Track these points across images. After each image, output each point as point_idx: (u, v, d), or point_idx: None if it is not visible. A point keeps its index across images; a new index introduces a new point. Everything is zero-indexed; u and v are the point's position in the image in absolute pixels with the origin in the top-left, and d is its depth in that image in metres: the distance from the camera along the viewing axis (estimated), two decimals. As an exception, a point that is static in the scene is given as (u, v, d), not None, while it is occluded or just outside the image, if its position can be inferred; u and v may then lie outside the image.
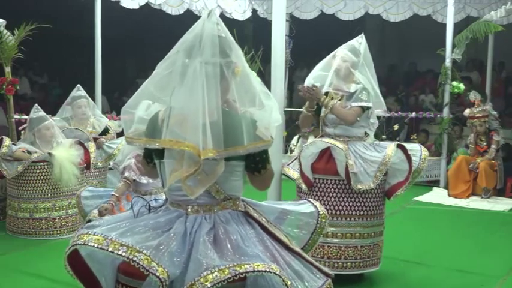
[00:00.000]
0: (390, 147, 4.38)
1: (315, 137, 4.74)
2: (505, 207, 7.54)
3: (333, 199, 4.35)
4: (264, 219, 2.42)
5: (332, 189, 4.36)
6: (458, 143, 9.08)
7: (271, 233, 2.36)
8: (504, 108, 11.40)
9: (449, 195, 8.10)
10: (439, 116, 9.23)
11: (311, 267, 2.37)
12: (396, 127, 9.60)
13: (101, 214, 3.89)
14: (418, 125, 10.51)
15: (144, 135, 2.31)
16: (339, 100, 4.44)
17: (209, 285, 1.99)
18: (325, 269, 2.43)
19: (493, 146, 8.03)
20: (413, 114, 9.82)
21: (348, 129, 4.44)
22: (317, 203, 2.70)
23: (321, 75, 4.52)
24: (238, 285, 2.11)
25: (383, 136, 9.20)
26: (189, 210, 2.29)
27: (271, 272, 2.06)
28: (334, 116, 4.41)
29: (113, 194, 4.05)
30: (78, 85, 6.73)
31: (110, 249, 2.10)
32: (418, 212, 7.25)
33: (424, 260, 5.16)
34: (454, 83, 8.52)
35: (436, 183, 8.78)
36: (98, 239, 2.12)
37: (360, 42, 4.52)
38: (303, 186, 4.39)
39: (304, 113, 4.65)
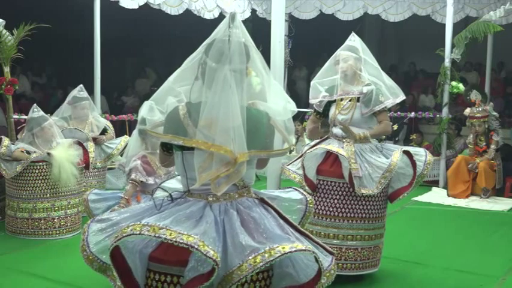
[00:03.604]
0: (396, 154, 4.35)
1: (320, 137, 4.74)
2: (504, 207, 7.53)
3: (336, 201, 4.35)
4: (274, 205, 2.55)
5: (336, 192, 4.36)
6: (456, 141, 9.08)
7: (284, 217, 2.49)
8: (503, 108, 11.42)
9: (449, 195, 8.09)
10: (438, 116, 9.23)
11: (319, 247, 2.49)
12: (395, 127, 9.59)
13: None
14: (417, 125, 10.50)
15: (168, 131, 2.39)
16: (350, 101, 4.44)
17: (260, 265, 2.10)
18: (328, 248, 2.56)
19: (492, 146, 8.02)
20: (413, 114, 9.82)
21: (357, 131, 4.44)
22: (302, 190, 2.87)
23: (326, 81, 4.54)
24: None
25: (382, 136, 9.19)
26: (210, 199, 2.39)
27: (309, 251, 2.22)
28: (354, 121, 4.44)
29: (122, 197, 4.07)
30: (81, 85, 6.69)
31: (168, 237, 2.13)
32: (417, 212, 7.24)
33: (423, 260, 5.16)
34: (453, 83, 8.51)
35: (435, 183, 8.79)
36: (154, 228, 2.16)
37: (353, 39, 4.54)
38: (307, 188, 4.39)
39: (318, 129, 4.66)
